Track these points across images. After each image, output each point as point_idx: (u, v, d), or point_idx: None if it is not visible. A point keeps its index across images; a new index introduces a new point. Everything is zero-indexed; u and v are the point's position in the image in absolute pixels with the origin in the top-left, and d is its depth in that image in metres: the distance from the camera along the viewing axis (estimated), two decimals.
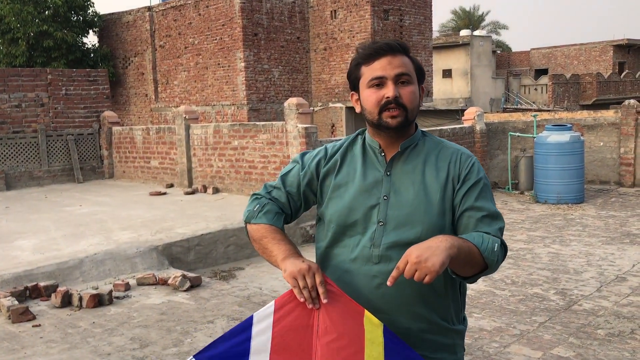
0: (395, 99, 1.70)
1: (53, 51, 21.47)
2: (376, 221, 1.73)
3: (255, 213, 1.83)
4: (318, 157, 1.88)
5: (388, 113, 1.71)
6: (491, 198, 1.75)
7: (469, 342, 4.17)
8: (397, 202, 1.72)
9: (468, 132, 10.84)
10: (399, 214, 1.71)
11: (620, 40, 39.00)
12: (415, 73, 1.76)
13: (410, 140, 1.78)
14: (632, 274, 5.76)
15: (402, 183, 1.74)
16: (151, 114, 22.33)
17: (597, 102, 33.43)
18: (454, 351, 1.78)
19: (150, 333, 4.47)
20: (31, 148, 11.27)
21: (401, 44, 1.76)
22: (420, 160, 1.76)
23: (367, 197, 1.75)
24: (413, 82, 1.74)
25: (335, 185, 1.81)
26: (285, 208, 1.89)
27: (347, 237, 1.77)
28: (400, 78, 1.72)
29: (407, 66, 1.74)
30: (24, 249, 6.22)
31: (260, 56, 19.15)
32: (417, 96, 1.75)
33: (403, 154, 1.77)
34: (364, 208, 1.75)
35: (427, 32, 21.11)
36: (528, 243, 7.07)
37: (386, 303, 1.72)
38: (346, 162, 1.84)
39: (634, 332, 4.33)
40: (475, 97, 32.68)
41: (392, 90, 1.70)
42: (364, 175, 1.78)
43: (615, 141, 10.84)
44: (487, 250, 1.61)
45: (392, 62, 1.72)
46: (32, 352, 4.14)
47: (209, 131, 9.93)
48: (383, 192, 1.74)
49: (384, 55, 1.72)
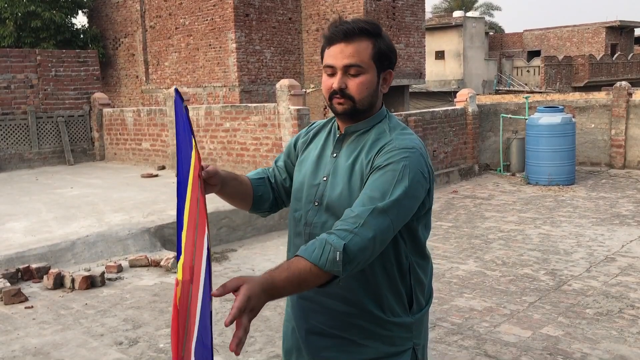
0: (341, 90, 1.68)
1: (41, 32, 21.21)
2: (313, 200, 1.75)
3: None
4: (299, 133, 1.97)
5: (336, 100, 1.70)
6: (391, 183, 1.58)
7: (460, 322, 4.22)
8: (332, 185, 1.72)
9: (460, 114, 10.84)
10: (331, 196, 1.71)
11: (612, 21, 38.99)
12: (374, 60, 1.68)
13: (360, 124, 1.74)
14: (621, 255, 5.82)
15: (340, 166, 1.74)
16: (142, 95, 22.17)
17: (589, 84, 33.49)
18: (392, 343, 1.72)
19: (143, 314, 4.48)
20: (21, 130, 11.18)
21: (363, 27, 1.66)
22: (360, 146, 1.73)
23: (314, 176, 1.78)
24: (366, 72, 1.67)
25: (300, 160, 1.87)
26: (272, 178, 1.97)
27: (296, 211, 1.82)
28: (349, 69, 1.66)
29: (359, 55, 1.66)
30: (15, 231, 6.20)
31: (252, 37, 19.00)
32: (368, 86, 1.68)
33: (350, 137, 1.76)
34: (308, 185, 1.78)
35: (420, 13, 20.99)
36: (519, 224, 7.12)
37: None
38: (315, 139, 1.88)
39: (622, 311, 4.39)
40: (467, 79, 32.65)
41: (337, 82, 1.67)
42: (319, 154, 1.81)
43: (606, 123, 10.88)
44: (328, 263, 1.46)
45: (344, 51, 1.66)
46: (25, 334, 4.15)
47: (200, 113, 9.88)
48: (325, 173, 1.76)
49: (337, 41, 1.67)
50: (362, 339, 1.71)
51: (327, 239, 1.50)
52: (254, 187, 1.91)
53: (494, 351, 3.77)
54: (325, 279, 1.50)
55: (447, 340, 3.93)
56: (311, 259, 1.47)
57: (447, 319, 4.29)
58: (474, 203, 8.46)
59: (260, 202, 1.93)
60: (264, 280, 1.40)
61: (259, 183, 1.92)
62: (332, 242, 1.48)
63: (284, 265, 1.47)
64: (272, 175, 1.98)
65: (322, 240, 1.51)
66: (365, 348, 1.71)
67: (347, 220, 1.54)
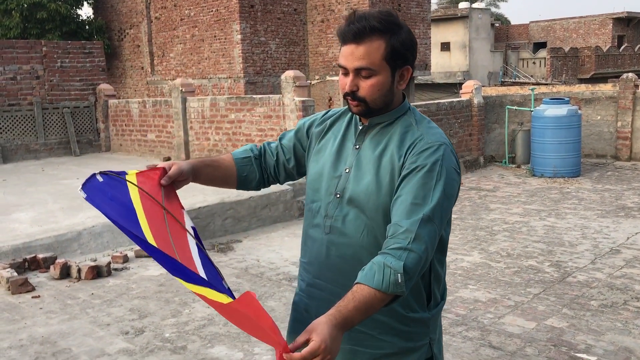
0: (352, 93, 1.66)
1: (47, 23, 21.22)
2: (334, 192, 1.73)
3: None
4: (313, 118, 1.92)
5: (349, 101, 1.69)
6: (431, 186, 1.58)
7: (464, 313, 4.23)
8: (355, 177, 1.70)
9: (466, 106, 10.81)
10: (353, 189, 1.69)
11: (620, 13, 38.70)
12: (386, 60, 1.63)
13: (384, 117, 1.72)
14: (626, 247, 5.81)
15: (365, 158, 1.71)
16: (147, 86, 22.18)
17: (596, 75, 33.31)
18: (409, 338, 1.72)
19: (149, 304, 4.51)
20: (27, 121, 11.22)
21: (375, 25, 1.59)
22: (386, 138, 1.71)
23: (334, 167, 1.75)
24: (377, 73, 1.62)
25: (317, 150, 1.84)
26: (266, 156, 1.94)
27: (312, 202, 1.80)
28: (360, 72, 1.63)
29: (370, 57, 1.60)
30: (22, 222, 6.24)
31: (257, 28, 18.96)
32: (380, 88, 1.64)
33: (374, 129, 1.74)
34: (328, 177, 1.75)
35: (426, 5, 20.90)
36: (524, 216, 7.12)
37: (335, 274, 1.72)
38: (332, 129, 1.84)
39: (626, 303, 4.39)
40: (473, 71, 32.52)
41: (348, 85, 1.65)
42: (339, 145, 1.78)
43: (612, 115, 10.83)
44: (390, 286, 1.48)
45: (354, 53, 1.61)
46: (32, 323, 4.18)
47: (205, 104, 9.89)
48: (347, 165, 1.73)
49: (349, 42, 1.62)
50: (380, 334, 1.71)
51: (384, 261, 1.50)
52: (239, 167, 1.89)
53: (499, 342, 3.78)
54: (390, 299, 1.52)
55: (452, 331, 3.95)
56: (374, 285, 1.48)
57: (451, 310, 4.30)
58: (479, 195, 8.46)
59: (246, 182, 1.92)
60: (332, 318, 1.41)
61: (244, 163, 1.90)
62: (391, 265, 1.49)
63: (349, 296, 1.47)
64: (270, 152, 1.94)
65: (379, 264, 1.50)
66: (383, 343, 1.72)
67: (398, 237, 1.53)
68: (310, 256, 1.80)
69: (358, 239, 1.68)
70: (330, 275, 1.74)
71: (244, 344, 3.78)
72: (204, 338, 3.90)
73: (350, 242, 1.69)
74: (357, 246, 1.68)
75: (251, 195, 6.80)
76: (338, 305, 1.45)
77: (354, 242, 1.69)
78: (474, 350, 3.68)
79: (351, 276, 1.60)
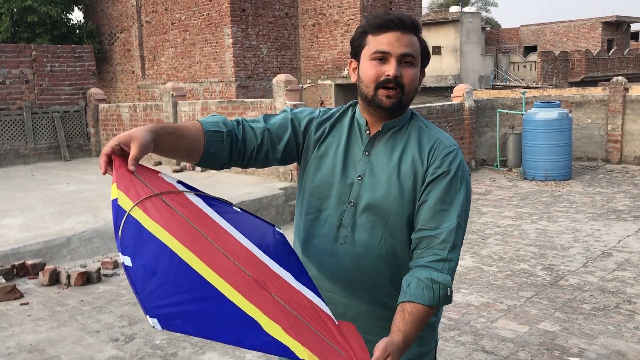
0: (395, 79, 1.61)
1: (37, 27, 21.13)
2: (347, 201, 1.67)
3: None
4: (311, 115, 1.79)
5: (384, 91, 1.62)
6: (456, 191, 1.62)
7: (457, 318, 4.22)
8: (371, 184, 1.66)
9: (457, 109, 10.83)
10: (371, 196, 1.65)
11: (609, 17, 38.96)
12: (420, 56, 1.67)
13: (396, 121, 1.69)
14: (617, 250, 5.82)
15: (379, 164, 1.67)
16: (138, 91, 22.10)
17: (586, 79, 33.50)
18: (421, 343, 1.72)
19: (139, 310, 4.47)
20: (16, 125, 11.13)
21: (414, 22, 1.64)
22: (401, 143, 1.68)
23: (343, 174, 1.69)
24: (416, 64, 1.64)
25: (317, 155, 1.74)
26: (256, 138, 1.70)
27: (318, 211, 1.72)
28: (404, 58, 1.61)
29: (414, 46, 1.63)
30: (10, 227, 6.17)
31: (248, 32, 18.95)
32: (415, 80, 1.65)
33: (385, 134, 1.70)
34: (337, 185, 1.69)
35: (417, 9, 20.95)
36: (515, 219, 7.12)
37: (351, 286, 1.68)
38: (332, 132, 1.76)
39: (618, 306, 4.39)
40: (464, 74, 32.62)
41: (394, 69, 1.60)
42: (345, 151, 1.71)
43: (602, 118, 10.88)
44: (441, 300, 1.54)
45: (401, 40, 1.61)
46: (20, 330, 4.13)
47: (196, 108, 9.85)
48: (358, 172, 1.68)
49: (394, 29, 1.61)
50: None
51: (431, 277, 1.53)
52: (207, 141, 1.62)
53: (491, 347, 3.76)
54: (434, 312, 1.58)
55: (444, 336, 3.93)
56: (426, 302, 1.51)
57: (444, 314, 4.28)
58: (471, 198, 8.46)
59: (212, 159, 1.66)
60: (400, 341, 1.45)
61: (214, 137, 1.63)
62: (439, 281, 1.52)
63: (406, 318, 1.50)
64: (254, 135, 1.69)
65: (426, 280, 1.53)
66: None
67: (435, 248, 1.56)
68: (319, 269, 1.72)
69: (375, 249, 1.65)
70: (345, 287, 1.69)
71: (235, 350, 3.74)
72: (194, 345, 3.86)
73: (367, 252, 1.65)
74: (375, 256, 1.66)
75: (242, 199, 6.76)
76: (401, 331, 1.47)
77: (371, 252, 1.65)
78: (467, 355, 3.67)
79: (368, 287, 1.61)
